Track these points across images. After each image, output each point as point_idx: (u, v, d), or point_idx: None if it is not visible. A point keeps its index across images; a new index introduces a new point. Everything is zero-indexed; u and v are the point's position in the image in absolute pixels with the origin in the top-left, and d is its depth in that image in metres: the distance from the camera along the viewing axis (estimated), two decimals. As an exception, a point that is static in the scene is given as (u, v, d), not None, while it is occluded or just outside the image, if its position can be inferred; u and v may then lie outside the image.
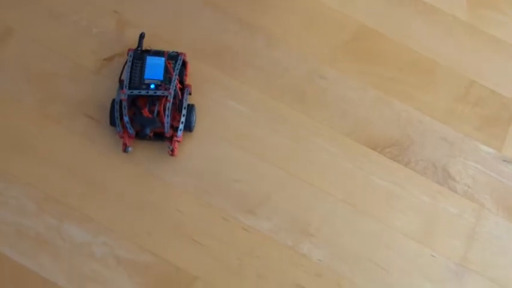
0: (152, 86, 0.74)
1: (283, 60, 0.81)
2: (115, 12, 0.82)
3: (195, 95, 0.78)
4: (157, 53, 0.76)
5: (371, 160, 0.77)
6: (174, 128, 0.75)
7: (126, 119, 0.73)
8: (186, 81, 0.78)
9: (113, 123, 0.75)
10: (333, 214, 0.74)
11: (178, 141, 0.75)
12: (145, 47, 0.77)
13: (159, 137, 0.75)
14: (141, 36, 0.77)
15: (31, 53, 0.80)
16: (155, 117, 0.74)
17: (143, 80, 0.75)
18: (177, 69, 0.75)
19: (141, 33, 0.78)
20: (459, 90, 0.80)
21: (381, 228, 0.74)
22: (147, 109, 0.74)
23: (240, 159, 0.76)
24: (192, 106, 0.76)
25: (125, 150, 0.74)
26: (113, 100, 0.75)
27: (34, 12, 0.82)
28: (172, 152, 0.74)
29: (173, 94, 0.74)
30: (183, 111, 0.75)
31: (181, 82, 0.77)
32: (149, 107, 0.74)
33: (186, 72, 0.78)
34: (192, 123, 0.76)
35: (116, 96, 0.75)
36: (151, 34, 0.80)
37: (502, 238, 0.74)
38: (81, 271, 0.70)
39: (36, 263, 0.71)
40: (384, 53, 0.82)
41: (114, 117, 0.74)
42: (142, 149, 0.76)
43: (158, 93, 0.74)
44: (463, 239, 0.74)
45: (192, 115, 0.76)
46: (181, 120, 0.75)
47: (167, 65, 0.75)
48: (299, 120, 0.78)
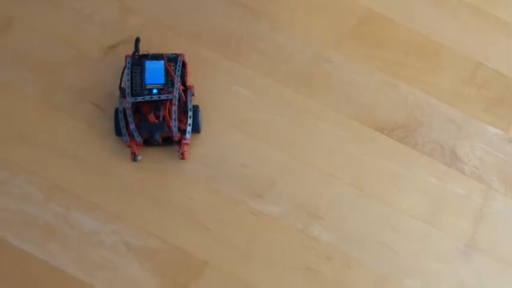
0: (155, 90, 0.73)
1: (287, 45, 0.81)
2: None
3: (200, 81, 0.78)
4: (155, 57, 0.75)
5: (378, 143, 0.77)
6: (181, 130, 0.73)
7: (132, 127, 0.72)
8: (188, 82, 0.76)
9: (118, 133, 0.73)
10: (340, 197, 0.74)
11: (187, 144, 0.74)
12: (148, 35, 0.76)
13: (167, 141, 0.74)
14: (137, 40, 0.75)
15: (33, 42, 0.79)
16: (162, 122, 0.73)
17: (145, 85, 0.73)
18: (178, 71, 0.74)
19: (136, 38, 0.76)
20: (465, 72, 0.80)
21: (389, 210, 0.74)
22: (152, 115, 0.73)
23: (247, 144, 0.76)
24: (196, 107, 0.75)
25: (134, 160, 0.73)
26: (116, 109, 0.74)
27: (35, 0, 0.81)
28: (182, 155, 0.73)
29: (178, 97, 0.73)
30: (189, 113, 0.74)
31: (183, 83, 0.75)
32: (154, 112, 0.73)
33: (187, 73, 0.76)
34: (200, 124, 0.75)
35: (119, 104, 0.74)
36: (154, 21, 0.80)
37: (510, 218, 0.74)
38: (90, 259, 0.70)
39: (45, 252, 0.70)
40: (390, 36, 0.82)
41: (120, 127, 0.73)
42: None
43: (163, 97, 0.72)
44: (471, 220, 0.74)
45: (198, 116, 0.75)
46: (189, 122, 0.73)
47: (167, 67, 0.74)
48: (305, 104, 0.78)
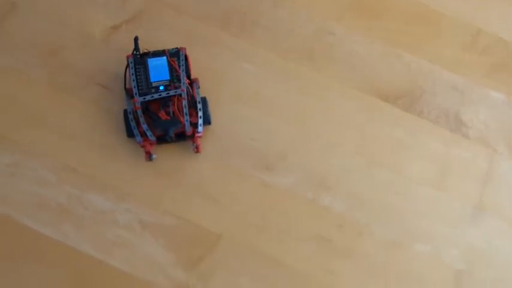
0: (161, 87, 0.73)
1: (290, 20, 0.81)
2: (118, -21, 0.82)
3: (204, 58, 0.78)
4: (157, 54, 0.74)
5: (383, 112, 0.78)
6: (192, 124, 0.73)
7: (145, 127, 0.72)
8: (192, 75, 0.76)
9: (130, 134, 0.73)
10: (349, 166, 0.76)
11: (200, 137, 0.74)
12: (150, 15, 0.76)
13: (180, 137, 0.74)
14: (136, 39, 0.75)
15: (36, 26, 0.79)
16: (174, 117, 0.72)
17: (150, 83, 0.73)
18: (183, 65, 0.74)
19: (135, 37, 0.75)
20: (466, 39, 0.81)
21: (397, 177, 0.75)
22: (163, 113, 0.73)
23: (254, 119, 0.77)
24: (204, 99, 0.75)
25: (150, 159, 0.73)
26: (125, 111, 0.74)
27: (35, -16, 0.81)
28: (197, 149, 0.73)
29: (186, 91, 0.73)
30: (198, 105, 0.74)
31: (188, 77, 0.75)
32: (163, 109, 0.73)
33: (190, 66, 0.76)
34: (210, 116, 0.75)
35: (127, 106, 0.74)
36: (155, 0, 0.80)
37: (515, 180, 0.76)
38: (106, 238, 0.71)
39: (60, 233, 0.71)
40: (390, 7, 0.82)
41: (131, 128, 0.73)
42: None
43: (171, 93, 0.72)
44: (478, 183, 0.76)
45: (207, 108, 0.75)
46: (200, 115, 0.73)
47: (171, 63, 0.74)
48: (309, 76, 0.79)
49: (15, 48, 0.78)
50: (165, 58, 0.74)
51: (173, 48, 0.75)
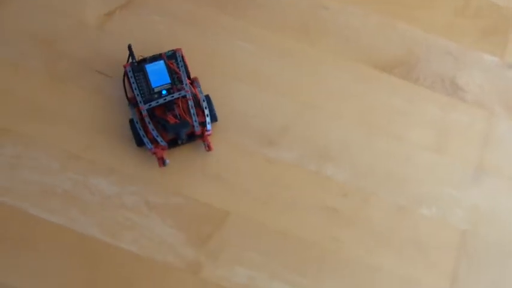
0: (164, 91, 0.72)
1: (282, -4, 0.82)
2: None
3: (200, 38, 0.79)
4: (153, 58, 0.74)
5: (381, 81, 0.79)
6: (200, 123, 0.73)
7: (154, 133, 0.71)
8: (191, 74, 0.76)
9: (140, 143, 0.72)
10: (350, 136, 0.76)
11: (210, 135, 0.73)
12: (143, 2, 0.76)
13: (189, 138, 0.73)
14: (130, 47, 0.74)
15: (30, 16, 0.79)
16: (183, 119, 0.72)
17: (152, 89, 0.73)
18: (182, 66, 0.74)
19: (128, 45, 0.74)
20: (457, 4, 0.82)
21: (398, 144, 0.76)
22: (171, 116, 0.72)
23: (253, 95, 0.78)
24: (208, 96, 0.75)
25: (164, 164, 0.72)
26: (131, 120, 0.73)
27: (27, -25, 0.81)
28: (208, 147, 0.73)
29: (190, 91, 0.73)
30: (204, 104, 0.73)
31: (188, 76, 0.75)
32: (170, 113, 0.72)
33: (188, 66, 0.75)
34: (216, 113, 0.75)
35: (132, 115, 0.73)
36: (149, -17, 0.81)
37: (514, 140, 0.77)
38: (115, 221, 0.72)
39: (68, 219, 0.71)
40: (381, -22, 0.83)
41: (140, 137, 0.72)
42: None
43: (176, 95, 0.72)
44: (477, 145, 0.77)
45: (212, 105, 0.74)
46: (206, 113, 0.73)
47: (169, 65, 0.74)
48: (305, 51, 0.80)
49: (10, 39, 0.78)
50: (162, 62, 0.74)
51: (169, 51, 0.74)
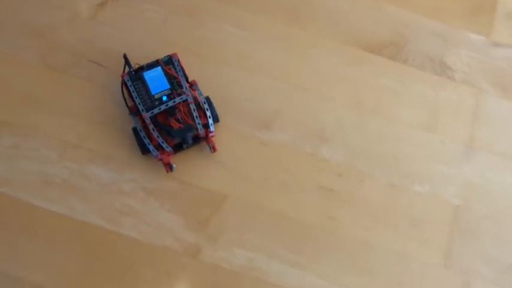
0: (164, 97, 0.73)
1: (271, -18, 0.83)
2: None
3: (190, 24, 0.80)
4: (150, 66, 0.74)
5: (371, 63, 0.80)
6: (203, 125, 0.73)
7: (160, 140, 0.71)
8: (188, 78, 0.76)
9: (145, 151, 0.73)
10: (342, 118, 0.78)
11: (214, 136, 0.74)
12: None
13: (194, 140, 0.73)
14: (125, 57, 0.74)
15: (24, 8, 0.80)
16: (186, 123, 0.72)
17: (152, 96, 0.73)
18: (179, 70, 0.74)
19: (124, 55, 0.74)
20: (444, -15, 0.84)
21: (390, 123, 0.78)
22: (174, 121, 0.72)
23: (246, 80, 0.79)
24: (208, 98, 0.75)
25: (171, 170, 0.72)
26: (134, 129, 0.73)
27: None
28: (213, 149, 0.74)
29: (191, 95, 0.73)
30: (205, 106, 0.74)
31: (186, 80, 0.75)
32: (173, 118, 0.72)
33: (184, 70, 0.75)
34: (217, 114, 0.75)
35: (134, 124, 0.73)
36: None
37: (503, 115, 0.79)
38: (113, 208, 0.72)
39: (68, 208, 0.72)
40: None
41: (145, 145, 0.72)
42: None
43: (177, 100, 0.72)
44: (467, 122, 0.78)
45: (213, 106, 0.75)
46: (208, 115, 0.73)
47: (167, 71, 0.74)
48: (295, 35, 0.81)
49: (5, 31, 0.78)
50: (159, 68, 0.74)
51: (165, 57, 0.75)
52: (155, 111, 0.72)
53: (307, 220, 0.73)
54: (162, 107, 0.72)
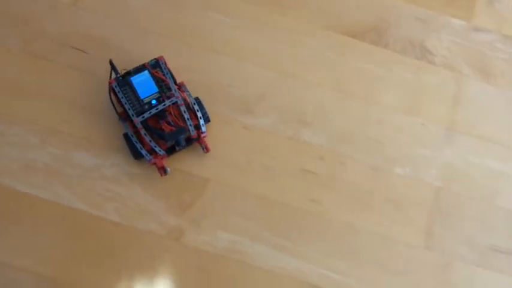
0: (154, 101, 0.72)
1: (254, -31, 0.84)
2: None
3: (174, 10, 0.80)
4: (138, 70, 0.73)
5: (352, 47, 0.81)
6: (194, 126, 0.73)
7: (152, 144, 0.71)
8: (176, 79, 0.76)
9: (138, 156, 0.72)
10: (325, 102, 0.78)
11: (206, 137, 0.74)
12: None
13: (186, 142, 0.73)
14: (111, 62, 0.73)
15: (4, -2, 0.80)
16: (178, 126, 0.72)
17: (142, 101, 0.72)
18: (167, 73, 0.73)
19: (109, 60, 0.73)
20: (424, -30, 0.85)
21: (371, 107, 0.78)
22: (165, 124, 0.72)
23: (229, 66, 0.79)
24: (198, 99, 0.75)
25: (166, 173, 0.72)
26: (125, 134, 0.73)
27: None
28: (206, 149, 0.74)
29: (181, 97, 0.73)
30: (195, 107, 0.74)
31: (174, 82, 0.75)
32: (164, 121, 0.72)
33: (172, 72, 0.75)
34: (208, 114, 0.75)
35: (125, 129, 0.73)
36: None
37: (483, 99, 0.80)
38: (97, 192, 0.73)
39: (51, 193, 0.72)
40: None
41: (137, 150, 0.72)
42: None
43: (168, 103, 0.72)
44: (448, 106, 0.79)
45: (203, 107, 0.74)
46: (199, 116, 0.73)
47: (155, 74, 0.73)
48: (278, 21, 0.82)
49: (-14, 19, 0.79)
50: (147, 72, 0.73)
51: (152, 60, 0.74)
52: (146, 115, 0.71)
53: (290, 203, 0.74)
54: (153, 111, 0.71)
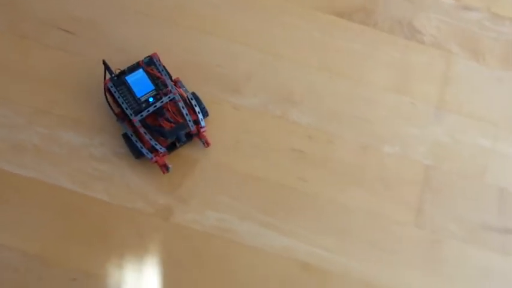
0: (151, 99, 0.71)
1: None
2: None
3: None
4: (132, 69, 0.72)
5: (341, 27, 0.81)
6: (193, 122, 0.72)
7: (153, 142, 0.70)
8: (172, 75, 0.75)
9: (139, 155, 0.72)
10: (313, 81, 0.78)
11: (205, 131, 0.73)
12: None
13: (186, 138, 0.73)
14: (105, 63, 0.72)
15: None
16: (177, 122, 0.71)
17: (138, 99, 0.71)
18: (162, 70, 0.73)
19: (103, 61, 0.72)
20: (412, -50, 0.84)
21: (360, 86, 0.78)
22: (164, 121, 0.71)
23: (217, 46, 0.79)
24: (194, 93, 0.74)
25: (168, 171, 0.72)
26: (125, 134, 0.72)
27: None
28: (207, 143, 0.73)
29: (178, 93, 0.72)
30: (193, 102, 0.73)
31: (170, 78, 0.74)
32: (162, 118, 0.71)
33: (167, 69, 0.74)
34: (206, 108, 0.74)
35: (124, 129, 0.72)
36: None
37: (472, 78, 0.80)
38: (85, 172, 0.73)
39: (40, 173, 0.72)
40: None
41: (138, 149, 0.71)
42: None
43: (165, 100, 0.71)
44: (437, 84, 0.79)
45: (200, 101, 0.74)
46: (197, 110, 0.73)
47: (150, 72, 0.72)
48: (267, 2, 0.81)
49: (-27, 0, 0.79)
50: (141, 70, 0.72)
51: (145, 58, 0.74)
52: (144, 113, 0.71)
53: (279, 182, 0.74)
54: (151, 109, 0.71)
